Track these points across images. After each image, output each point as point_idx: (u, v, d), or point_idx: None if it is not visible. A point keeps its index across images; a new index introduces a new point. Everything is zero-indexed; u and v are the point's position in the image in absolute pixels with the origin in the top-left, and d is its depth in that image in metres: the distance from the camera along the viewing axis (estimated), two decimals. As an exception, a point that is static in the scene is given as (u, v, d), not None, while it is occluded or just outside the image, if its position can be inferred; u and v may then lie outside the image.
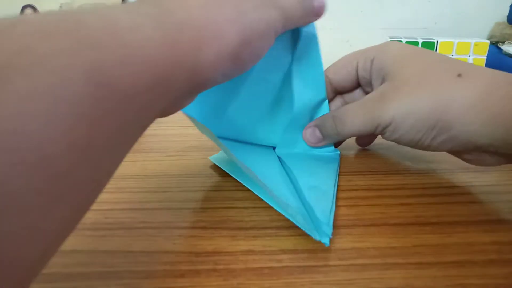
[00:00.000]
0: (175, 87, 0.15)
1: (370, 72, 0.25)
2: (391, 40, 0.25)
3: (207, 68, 0.16)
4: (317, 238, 0.17)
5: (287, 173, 0.24)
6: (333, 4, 0.64)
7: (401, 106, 0.22)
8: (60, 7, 0.65)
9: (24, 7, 0.64)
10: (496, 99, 0.19)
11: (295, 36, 0.25)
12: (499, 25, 0.60)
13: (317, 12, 0.22)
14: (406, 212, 0.21)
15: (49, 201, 0.10)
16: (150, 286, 0.15)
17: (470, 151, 0.23)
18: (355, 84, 0.27)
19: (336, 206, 0.21)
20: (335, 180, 0.24)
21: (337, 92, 0.28)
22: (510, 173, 0.26)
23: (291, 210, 0.19)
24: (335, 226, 0.19)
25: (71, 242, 0.18)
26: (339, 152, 0.28)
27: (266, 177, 0.22)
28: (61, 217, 0.11)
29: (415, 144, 0.23)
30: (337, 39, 0.62)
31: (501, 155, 0.22)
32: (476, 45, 0.50)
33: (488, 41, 0.51)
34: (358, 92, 0.28)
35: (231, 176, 0.25)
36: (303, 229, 0.18)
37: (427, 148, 0.23)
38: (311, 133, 0.26)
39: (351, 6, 0.63)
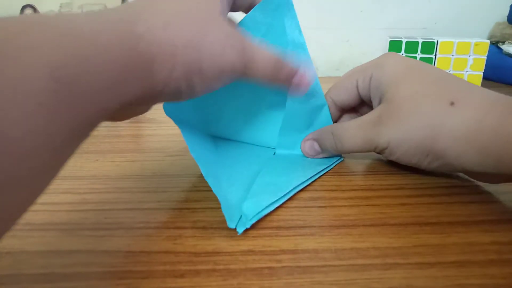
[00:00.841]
0: (126, 93, 0.15)
1: (369, 90, 0.25)
2: (388, 53, 0.25)
3: (157, 83, 0.17)
4: (232, 225, 0.18)
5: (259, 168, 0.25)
6: (333, 4, 0.64)
7: (396, 132, 0.23)
8: (60, 7, 0.65)
9: (24, 7, 0.64)
10: (487, 130, 0.19)
11: (284, 43, 0.25)
12: (499, 25, 0.60)
13: (297, 82, 0.22)
14: (406, 212, 0.21)
15: (7, 184, 0.11)
16: (150, 286, 0.15)
17: (469, 174, 0.24)
18: (358, 101, 0.27)
19: (337, 206, 0.21)
20: (306, 180, 0.24)
21: (343, 110, 0.28)
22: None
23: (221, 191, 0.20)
24: (335, 226, 0.19)
25: (70, 243, 0.18)
26: (342, 159, 0.28)
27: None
28: (16, 200, 0.12)
29: (414, 165, 0.24)
30: (337, 39, 0.62)
31: (501, 177, 0.22)
32: (476, 45, 0.51)
33: (488, 41, 0.51)
34: (363, 109, 0.28)
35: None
36: (224, 212, 0.19)
37: (426, 169, 0.24)
38: (309, 146, 0.27)
39: (351, 6, 0.63)
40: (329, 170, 0.26)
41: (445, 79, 0.23)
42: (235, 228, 0.19)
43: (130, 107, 0.17)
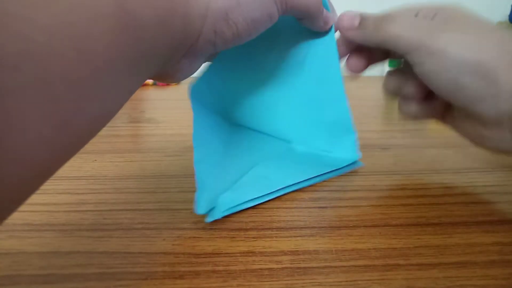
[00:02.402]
0: (171, 33, 0.16)
1: (433, 17, 0.22)
2: (452, 6, 0.23)
3: (196, 20, 0.17)
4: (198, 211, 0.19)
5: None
6: (333, 4, 0.64)
7: (461, 41, 0.20)
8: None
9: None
10: None
11: (310, 35, 0.25)
12: (501, 25, 0.61)
13: (325, 19, 0.23)
14: (407, 213, 0.21)
15: (79, 97, 0.12)
16: (149, 288, 0.15)
17: (492, 124, 0.21)
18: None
19: (337, 207, 0.21)
20: (306, 179, 0.24)
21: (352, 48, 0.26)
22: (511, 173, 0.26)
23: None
24: (336, 227, 0.19)
25: (69, 243, 0.18)
26: (359, 164, 0.27)
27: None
28: (86, 118, 0.13)
29: (450, 86, 0.21)
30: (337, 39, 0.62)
31: None
32: (476, 44, 0.51)
33: (489, 41, 0.52)
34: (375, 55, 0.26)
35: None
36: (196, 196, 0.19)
37: (455, 99, 0.21)
38: (350, 16, 0.24)
39: (351, 6, 0.63)
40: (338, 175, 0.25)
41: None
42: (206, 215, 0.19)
43: (177, 57, 0.17)
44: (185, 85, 0.57)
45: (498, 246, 0.18)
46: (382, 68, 0.65)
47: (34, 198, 0.22)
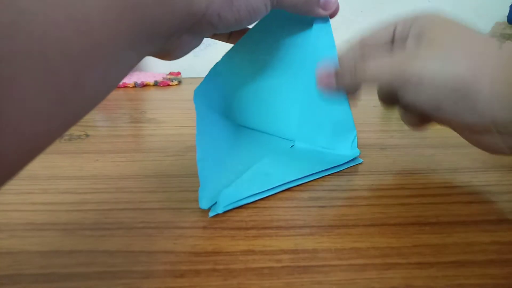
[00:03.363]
0: (174, 11, 0.16)
1: (406, 38, 0.23)
2: (429, 12, 0.24)
3: (201, 2, 0.17)
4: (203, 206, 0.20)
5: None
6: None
7: (433, 62, 0.20)
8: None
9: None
10: None
11: (309, 33, 0.25)
12: (499, 25, 0.61)
13: (323, 5, 0.23)
14: (406, 212, 0.21)
15: (78, 72, 0.12)
16: (150, 286, 0.15)
17: (484, 131, 0.21)
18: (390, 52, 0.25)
19: (336, 206, 0.21)
20: (307, 175, 0.24)
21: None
22: (510, 173, 0.26)
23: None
24: (335, 226, 0.19)
25: (70, 242, 0.18)
26: (360, 161, 0.27)
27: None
28: (84, 93, 0.13)
29: (434, 108, 0.21)
30: (337, 39, 0.62)
31: None
32: (476, 45, 0.51)
33: (488, 41, 0.52)
34: None
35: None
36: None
37: (447, 116, 0.21)
38: (325, 74, 0.25)
39: (351, 6, 0.63)
40: (338, 171, 0.26)
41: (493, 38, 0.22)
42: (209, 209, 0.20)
43: (178, 35, 0.18)
44: (185, 85, 0.58)
45: (497, 245, 0.18)
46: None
47: (36, 197, 0.22)
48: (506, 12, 0.60)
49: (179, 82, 0.59)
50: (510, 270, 0.16)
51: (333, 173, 0.26)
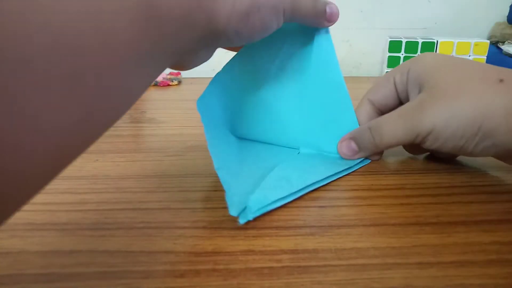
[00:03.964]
0: (195, 27, 0.17)
1: (406, 84, 0.24)
2: (425, 53, 0.25)
3: (221, 19, 0.18)
4: (233, 213, 0.19)
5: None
6: (333, 3, 0.64)
7: (442, 113, 0.21)
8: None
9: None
10: None
11: (310, 42, 0.26)
12: (499, 25, 0.61)
13: (328, 18, 0.24)
14: (406, 212, 0.21)
15: (105, 88, 0.12)
16: (150, 286, 0.15)
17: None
18: (396, 101, 0.26)
19: (336, 206, 0.21)
20: (323, 178, 0.24)
21: (381, 113, 0.27)
22: (510, 173, 0.26)
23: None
24: (335, 226, 0.19)
25: (70, 242, 0.18)
26: (368, 161, 0.27)
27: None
28: (109, 107, 0.13)
29: (458, 151, 0.22)
30: (337, 39, 0.62)
31: None
32: (476, 45, 0.51)
33: (488, 41, 0.52)
34: None
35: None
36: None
37: (470, 154, 0.22)
38: (346, 145, 0.26)
39: (351, 6, 0.63)
40: (353, 171, 0.26)
41: (488, 65, 0.22)
42: (238, 217, 0.19)
43: (196, 49, 0.18)
44: (185, 85, 0.58)
45: (497, 245, 0.18)
46: (381, 69, 0.65)
47: (36, 197, 0.22)
48: (506, 12, 0.60)
49: (179, 82, 0.59)
50: (510, 270, 0.16)
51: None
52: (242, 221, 0.19)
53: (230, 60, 0.27)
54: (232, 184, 0.21)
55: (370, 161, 0.27)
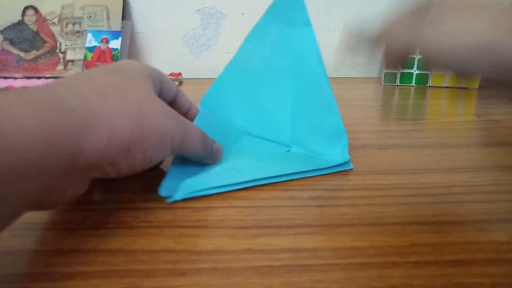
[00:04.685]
0: (52, 170, 0.15)
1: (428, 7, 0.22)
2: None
3: (91, 154, 0.16)
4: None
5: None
6: (332, 5, 0.64)
7: (452, 26, 0.20)
8: (62, 8, 0.65)
9: (26, 8, 0.64)
10: None
11: (292, 39, 0.26)
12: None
13: (213, 157, 0.25)
14: (405, 211, 0.21)
15: None
16: (151, 285, 0.16)
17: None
18: None
19: (336, 205, 0.22)
20: (284, 174, 0.24)
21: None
22: (509, 173, 0.26)
23: None
24: (334, 225, 0.20)
25: (71, 241, 0.18)
26: (351, 167, 0.27)
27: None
28: None
29: (459, 67, 0.21)
30: (337, 40, 0.62)
31: None
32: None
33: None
34: None
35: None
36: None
37: (471, 74, 0.21)
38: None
39: (351, 7, 0.63)
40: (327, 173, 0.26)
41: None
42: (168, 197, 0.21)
43: (63, 187, 0.17)
44: (186, 86, 0.58)
45: (495, 244, 0.18)
46: (379, 70, 0.66)
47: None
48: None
49: (180, 83, 0.59)
50: (508, 269, 0.16)
51: (325, 174, 0.25)
52: (169, 200, 0.21)
53: (228, 64, 0.28)
54: (177, 170, 0.23)
55: (352, 167, 0.26)
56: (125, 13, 0.65)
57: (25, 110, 0.15)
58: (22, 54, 0.62)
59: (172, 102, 0.26)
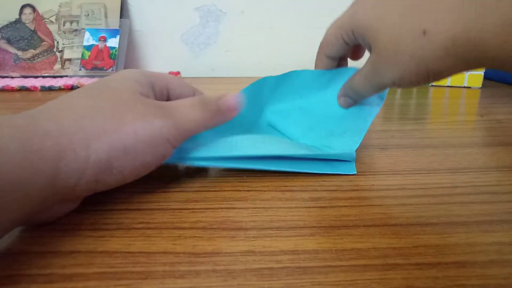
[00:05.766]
0: (33, 193, 0.16)
1: (356, 41, 0.26)
2: (358, 3, 0.26)
3: (70, 174, 0.17)
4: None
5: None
6: (331, 5, 0.64)
7: (394, 74, 0.24)
8: (59, 6, 0.64)
9: (23, 7, 0.64)
10: (462, 43, 0.21)
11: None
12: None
13: (228, 114, 0.24)
14: (407, 212, 0.21)
15: None
16: (150, 287, 0.15)
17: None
18: (350, 50, 0.29)
19: (337, 206, 0.21)
20: (292, 154, 0.25)
21: (339, 60, 0.30)
22: (511, 173, 0.26)
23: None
24: (335, 227, 0.19)
25: (69, 243, 0.18)
26: (353, 169, 0.26)
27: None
28: None
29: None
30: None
31: None
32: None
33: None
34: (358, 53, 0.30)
35: (230, 177, 0.25)
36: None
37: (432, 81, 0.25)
38: (343, 100, 0.29)
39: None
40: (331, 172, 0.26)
41: (413, 7, 0.23)
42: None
43: (50, 206, 0.18)
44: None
45: (497, 245, 0.18)
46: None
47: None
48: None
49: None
50: (511, 271, 0.16)
51: (326, 175, 0.25)
52: (164, 162, 0.21)
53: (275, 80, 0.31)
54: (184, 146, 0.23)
55: (355, 172, 0.26)
56: (123, 11, 0.65)
57: (6, 135, 0.16)
58: (19, 53, 0.62)
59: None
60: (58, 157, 0.17)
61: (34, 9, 0.63)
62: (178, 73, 0.63)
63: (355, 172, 0.26)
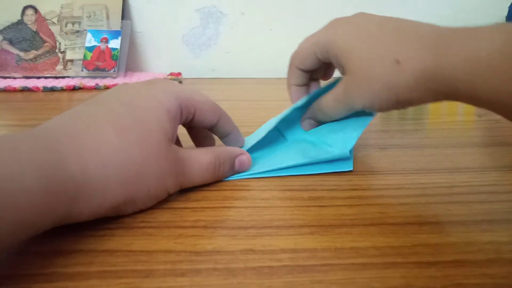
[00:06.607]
0: (42, 226, 0.17)
1: (329, 59, 0.27)
2: (335, 20, 0.28)
3: (82, 213, 0.18)
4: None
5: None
6: (331, 5, 0.64)
7: (365, 98, 0.25)
8: (61, 7, 0.65)
9: (25, 8, 0.64)
10: (429, 76, 0.21)
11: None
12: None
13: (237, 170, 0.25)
14: (406, 211, 0.21)
15: None
16: (150, 286, 0.15)
17: None
18: (322, 65, 0.29)
19: (336, 205, 0.22)
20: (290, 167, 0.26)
21: (312, 78, 0.30)
22: (509, 173, 0.26)
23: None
24: (335, 226, 0.20)
25: (70, 242, 0.18)
26: (350, 166, 0.27)
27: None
28: None
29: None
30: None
31: None
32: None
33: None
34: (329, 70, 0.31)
35: (231, 176, 0.25)
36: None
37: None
38: (307, 123, 0.30)
39: (351, 6, 0.63)
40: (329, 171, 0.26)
41: (387, 34, 0.24)
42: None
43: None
44: (186, 86, 0.58)
45: (496, 245, 0.18)
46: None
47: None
48: (505, 12, 0.60)
49: (180, 83, 0.59)
50: (509, 270, 0.16)
51: (325, 174, 0.25)
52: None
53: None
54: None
55: (351, 168, 0.26)
56: (125, 13, 0.65)
57: (29, 173, 0.16)
58: (21, 53, 0.62)
59: (212, 127, 0.25)
60: (75, 200, 0.17)
61: (36, 10, 0.63)
62: (179, 74, 0.63)
63: (351, 169, 0.26)
